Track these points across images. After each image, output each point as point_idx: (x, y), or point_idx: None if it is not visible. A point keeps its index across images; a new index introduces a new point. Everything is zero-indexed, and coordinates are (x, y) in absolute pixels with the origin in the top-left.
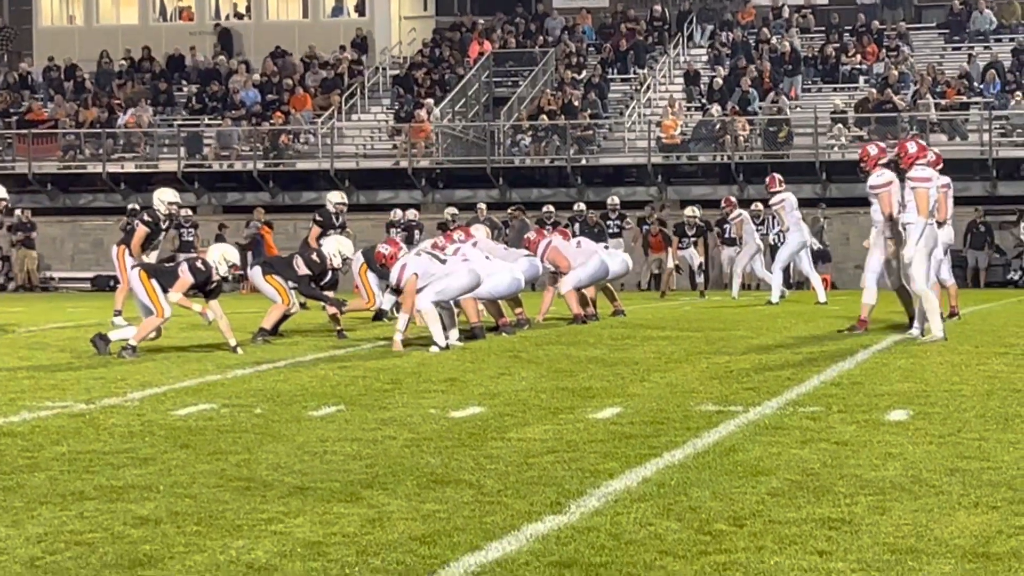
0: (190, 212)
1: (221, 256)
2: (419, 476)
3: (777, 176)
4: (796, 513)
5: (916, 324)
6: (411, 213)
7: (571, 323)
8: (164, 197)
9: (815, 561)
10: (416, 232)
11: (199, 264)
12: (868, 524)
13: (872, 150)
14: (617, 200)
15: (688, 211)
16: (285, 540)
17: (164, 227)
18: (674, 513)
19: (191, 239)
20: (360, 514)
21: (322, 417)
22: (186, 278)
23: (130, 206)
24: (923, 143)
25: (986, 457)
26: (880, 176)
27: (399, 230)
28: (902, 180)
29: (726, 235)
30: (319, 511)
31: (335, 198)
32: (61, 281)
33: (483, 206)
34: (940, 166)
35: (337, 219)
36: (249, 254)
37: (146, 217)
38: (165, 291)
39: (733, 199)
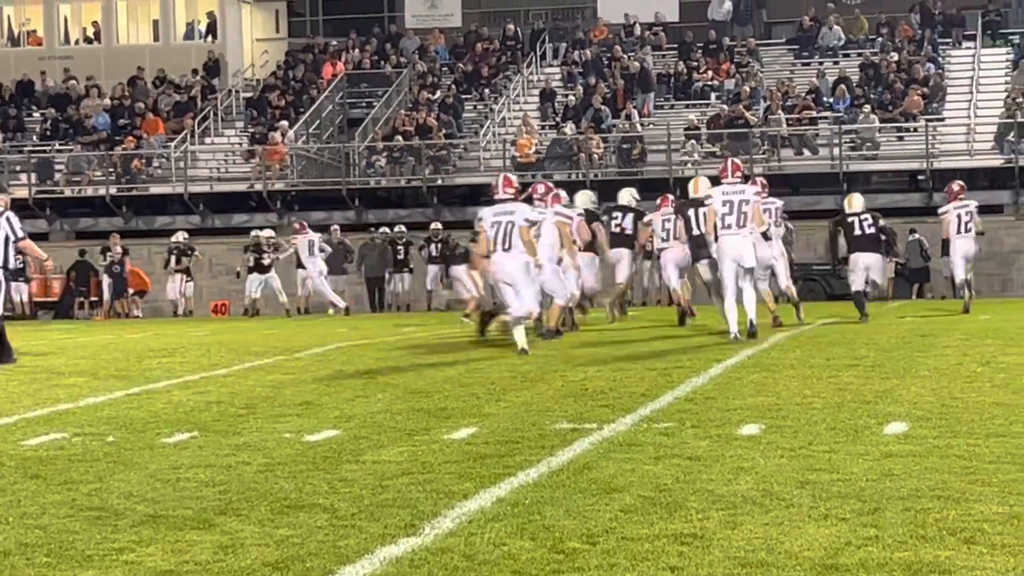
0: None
1: None
2: (273, 501)
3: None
4: (649, 529)
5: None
6: (266, 232)
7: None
8: None
9: None
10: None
11: None
12: (719, 538)
13: None
14: None
15: None
16: (137, 569)
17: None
18: (528, 532)
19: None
20: (213, 541)
21: (175, 444)
22: None
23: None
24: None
25: (836, 469)
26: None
27: (252, 253)
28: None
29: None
30: (171, 539)
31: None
32: None
33: (336, 228)
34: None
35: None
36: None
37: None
38: None
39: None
